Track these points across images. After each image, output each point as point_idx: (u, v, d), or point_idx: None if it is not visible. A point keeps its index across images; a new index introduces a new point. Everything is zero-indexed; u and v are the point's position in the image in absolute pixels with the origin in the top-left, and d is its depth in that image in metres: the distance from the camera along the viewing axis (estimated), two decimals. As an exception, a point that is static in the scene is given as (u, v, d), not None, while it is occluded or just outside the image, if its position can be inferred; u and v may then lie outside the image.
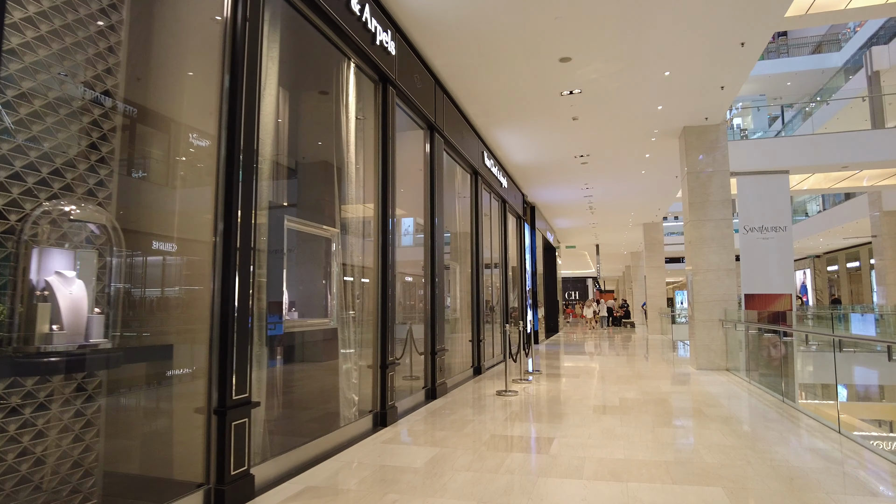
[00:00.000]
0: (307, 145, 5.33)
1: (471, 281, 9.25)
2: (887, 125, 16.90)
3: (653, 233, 20.85)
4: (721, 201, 9.54)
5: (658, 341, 17.07)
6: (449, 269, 9.08)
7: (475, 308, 9.21)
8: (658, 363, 10.62)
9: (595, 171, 12.67)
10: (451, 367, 8.44)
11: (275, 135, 4.25)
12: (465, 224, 9.32)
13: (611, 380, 8.27)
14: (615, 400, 6.55)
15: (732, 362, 9.11)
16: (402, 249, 8.82)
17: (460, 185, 9.15)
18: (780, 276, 9.32)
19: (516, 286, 14.12)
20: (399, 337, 6.86)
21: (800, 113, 23.20)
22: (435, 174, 7.12)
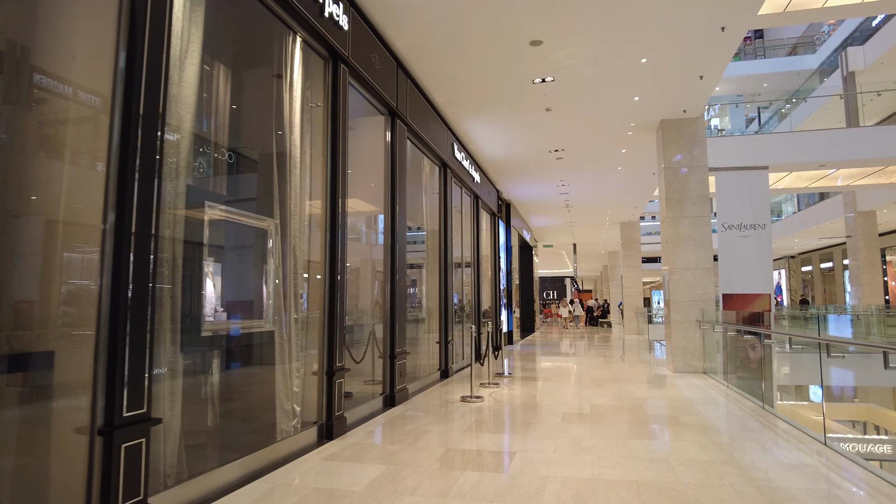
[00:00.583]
0: (244, 127, 4.79)
1: (439, 279, 8.76)
2: (862, 125, 16.87)
3: (630, 232, 20.61)
4: (699, 197, 9.19)
5: (634, 341, 16.79)
6: (418, 267, 8.57)
7: (443, 308, 8.73)
8: (634, 365, 10.25)
9: (570, 167, 12.28)
10: (417, 370, 7.95)
11: (198, 109, 3.70)
12: (434, 220, 8.83)
13: (584, 383, 7.85)
14: (586, 406, 6.11)
15: (710, 364, 8.77)
16: (377, 248, 8.31)
17: (428, 178, 8.65)
18: (759, 275, 9.00)
19: (490, 285, 13.67)
20: (363, 339, 6.34)
21: (776, 114, 23.21)
22: (397, 163, 6.61)
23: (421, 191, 8.44)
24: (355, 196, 6.86)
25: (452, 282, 9.42)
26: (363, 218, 7.77)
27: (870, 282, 18.59)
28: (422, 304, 8.32)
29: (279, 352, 4.38)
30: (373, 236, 7.71)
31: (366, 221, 7.63)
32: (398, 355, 6.40)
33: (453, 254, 9.67)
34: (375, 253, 7.65)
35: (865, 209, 18.64)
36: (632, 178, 13.51)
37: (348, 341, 6.52)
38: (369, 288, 6.91)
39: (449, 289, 8.88)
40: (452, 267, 9.37)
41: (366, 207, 7.76)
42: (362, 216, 7.23)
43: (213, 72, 4.44)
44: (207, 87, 4.35)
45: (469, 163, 10.52)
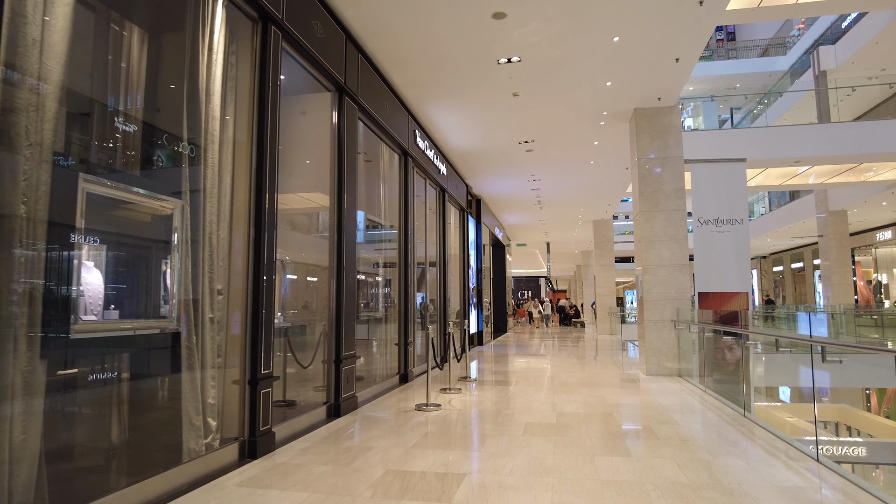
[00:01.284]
0: (150, 92, 4.07)
1: (399, 277, 8.11)
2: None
3: (602, 230, 20.24)
4: (674, 191, 8.72)
5: (607, 342, 16.37)
6: (376, 264, 7.91)
7: (403, 307, 8.08)
8: (606, 366, 9.75)
9: (541, 161, 11.74)
10: (372, 374, 7.29)
11: (78, 63, 3.00)
12: (394, 212, 8.17)
13: (552, 387, 7.29)
14: (552, 415, 5.53)
15: (685, 366, 8.30)
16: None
17: (387, 167, 8.00)
18: (737, 272, 8.56)
19: (458, 284, 13.07)
20: (315, 341, 5.66)
21: (748, 115, 23.16)
22: (345, 146, 5.94)
23: (378, 181, 7.78)
24: (311, 189, 6.18)
25: (414, 280, 8.77)
26: (319, 211, 7.09)
27: (840, 281, 18.53)
28: (379, 303, 7.66)
29: (187, 357, 3.69)
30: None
31: (322, 215, 6.95)
32: (345, 359, 5.73)
33: (416, 249, 9.04)
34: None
35: (837, 208, 18.58)
36: (605, 173, 13.05)
37: (298, 344, 5.84)
38: (326, 286, 6.23)
39: (410, 287, 8.24)
40: (414, 263, 8.73)
41: (324, 200, 7.11)
42: (318, 209, 6.53)
43: (109, 24, 3.73)
44: (101, 41, 3.63)
45: (434, 153, 9.90)
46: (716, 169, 8.89)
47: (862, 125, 12.29)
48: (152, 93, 4.05)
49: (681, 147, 8.81)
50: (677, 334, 8.41)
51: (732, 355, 7.59)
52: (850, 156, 12.14)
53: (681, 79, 7.83)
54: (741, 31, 36.84)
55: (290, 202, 6.15)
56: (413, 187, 8.83)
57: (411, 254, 8.38)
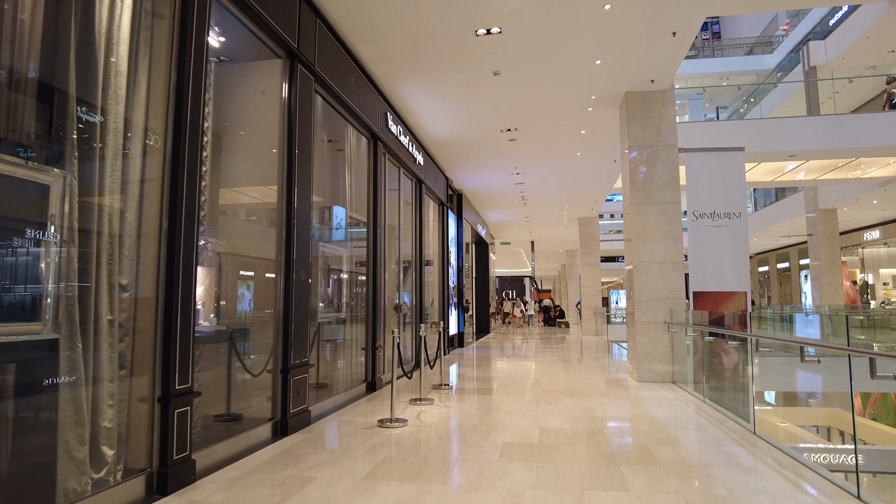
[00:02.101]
0: (26, 38, 3.25)
1: (368, 274, 7.33)
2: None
3: (588, 228, 19.62)
4: (668, 181, 8.05)
5: (593, 343, 15.73)
6: (338, 259, 7.13)
7: (372, 308, 7.30)
8: (592, 371, 9.05)
9: (525, 151, 11.03)
10: (335, 383, 6.51)
11: None
12: (362, 203, 7.39)
13: (534, 397, 6.56)
14: (534, 432, 4.80)
15: (678, 372, 7.63)
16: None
17: (354, 152, 7.21)
18: (735, 270, 7.91)
19: (437, 282, 12.32)
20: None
21: (734, 114, 22.75)
22: (296, 121, 5.15)
23: (343, 167, 7.00)
24: (264, 175, 5.38)
25: (385, 278, 8.00)
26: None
27: (830, 282, 18.10)
28: (343, 303, 6.87)
29: (68, 370, 2.88)
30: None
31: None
32: (295, 368, 4.93)
33: (389, 245, 8.27)
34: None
35: (827, 207, 18.15)
36: (592, 167, 12.38)
37: (257, 348, 5.03)
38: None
39: (379, 286, 7.46)
40: (384, 260, 7.96)
41: (266, 191, 6.33)
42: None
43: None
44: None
45: (409, 140, 9.12)
46: (712, 159, 8.24)
47: (862, 117, 11.77)
48: (37, 41, 3.23)
49: (675, 134, 8.14)
50: (671, 337, 7.74)
51: (730, 361, 6.93)
52: (849, 149, 11.60)
53: (676, 57, 7.15)
54: (726, 30, 36.67)
55: (248, 191, 5.35)
56: (384, 176, 8.05)
57: (382, 249, 7.60)
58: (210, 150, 4.31)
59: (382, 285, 7.79)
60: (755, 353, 7.29)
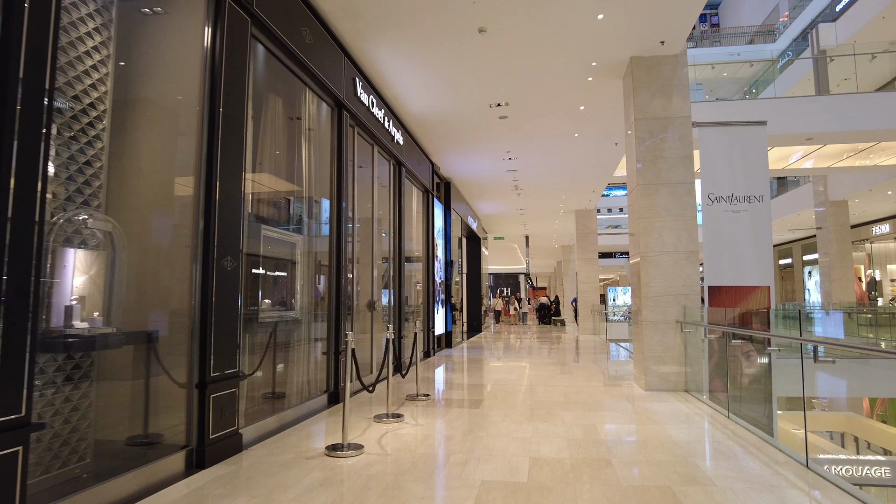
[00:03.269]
0: None
1: (331, 266, 6.25)
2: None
3: (585, 221, 18.58)
4: (680, 159, 7.00)
5: (590, 343, 14.70)
6: (291, 246, 6.04)
7: (335, 306, 6.22)
8: (592, 377, 8.00)
9: (517, 132, 9.96)
10: (288, 395, 5.43)
11: None
12: (323, 183, 6.31)
13: (526, 410, 5.51)
14: (523, 464, 3.74)
15: (694, 380, 6.59)
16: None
17: (313, 120, 6.13)
18: (756, 262, 6.88)
19: (421, 278, 11.24)
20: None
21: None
22: (222, 74, 4.05)
23: (298, 138, 5.91)
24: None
25: (352, 270, 6.93)
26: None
27: (841, 277, 17.13)
28: (299, 300, 5.78)
29: None
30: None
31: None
32: (216, 382, 3.85)
33: (357, 233, 7.19)
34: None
35: (838, 198, 17.17)
36: (591, 151, 11.32)
37: (169, 354, 3.93)
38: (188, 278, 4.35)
39: (343, 279, 6.38)
40: (352, 250, 6.88)
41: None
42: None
43: None
44: None
45: (385, 114, 8.03)
46: (730, 135, 7.19)
47: (887, 96, 10.73)
48: None
49: (688, 104, 7.09)
50: (683, 339, 6.69)
51: (757, 368, 5.90)
52: (871, 131, 10.58)
53: (691, 11, 6.09)
54: (726, 17, 35.78)
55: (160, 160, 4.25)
56: (353, 152, 6.97)
57: (345, 236, 6.51)
58: (110, 106, 3.23)
59: (350, 280, 6.72)
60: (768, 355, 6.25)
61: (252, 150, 5.10)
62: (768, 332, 5.41)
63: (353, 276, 6.89)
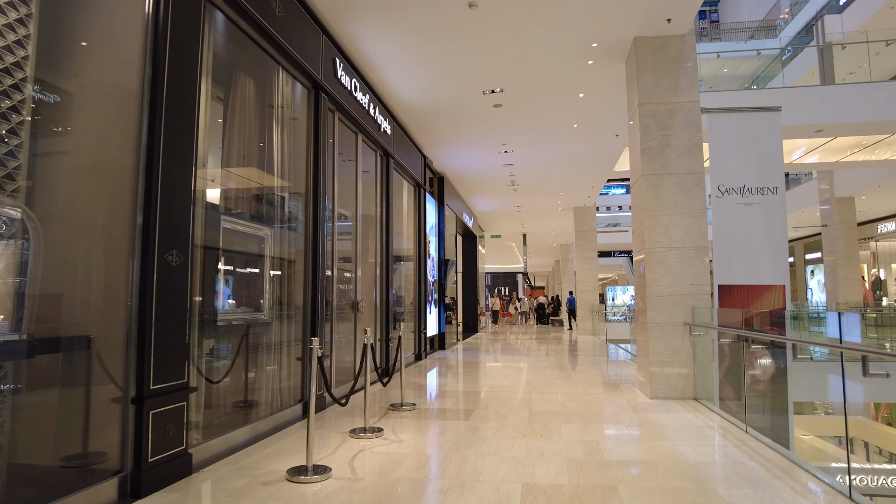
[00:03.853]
0: None
1: (306, 262, 5.71)
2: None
3: (584, 218, 18.04)
4: (688, 148, 6.46)
5: (589, 344, 14.18)
6: (259, 240, 5.49)
7: (311, 306, 5.67)
8: (592, 382, 7.47)
9: (513, 121, 9.42)
10: (256, 405, 4.89)
11: None
12: (299, 171, 5.76)
13: (520, 423, 4.97)
14: (514, 492, 3.19)
15: (703, 388, 6.05)
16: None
17: (287, 103, 5.57)
18: (770, 258, 6.35)
19: (412, 276, 10.70)
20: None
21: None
22: (165, 47, 3.50)
23: (270, 123, 5.36)
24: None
25: (332, 268, 6.39)
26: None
27: (847, 276, 16.61)
28: (267, 299, 5.23)
29: None
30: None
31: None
32: (158, 396, 3.30)
33: (337, 226, 6.66)
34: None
35: (844, 195, 16.66)
36: (590, 143, 10.78)
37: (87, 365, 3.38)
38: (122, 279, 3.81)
39: (321, 277, 5.83)
40: (331, 246, 6.35)
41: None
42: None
43: None
44: None
45: (370, 100, 7.48)
46: (741, 122, 6.67)
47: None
48: None
49: (696, 89, 6.55)
50: (692, 342, 6.16)
51: (775, 375, 5.39)
52: (888, 122, 10.05)
53: (704, -16, 5.56)
54: (725, 13, 35.30)
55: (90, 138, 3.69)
56: (333, 139, 6.42)
57: (321, 228, 5.96)
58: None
59: (328, 278, 6.17)
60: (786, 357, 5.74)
61: (215, 136, 4.55)
62: (802, 338, 4.88)
63: (333, 274, 6.35)
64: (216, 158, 4.80)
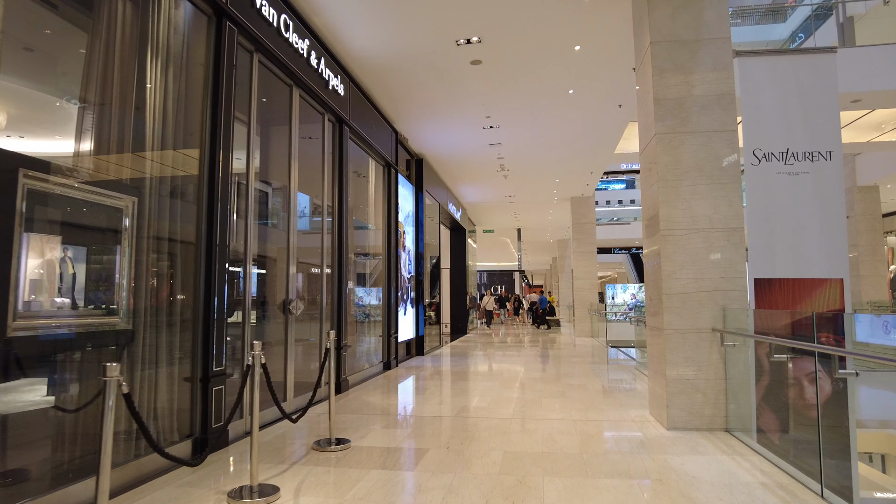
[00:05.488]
0: None
1: (197, 251, 4.18)
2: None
3: (582, 209, 16.52)
4: (716, 98, 4.94)
5: (588, 347, 12.68)
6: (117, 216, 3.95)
7: (203, 309, 4.14)
8: (591, 406, 5.96)
9: (496, 83, 7.89)
10: (119, 445, 3.32)
11: None
12: (193, 120, 4.24)
13: (483, 480, 3.46)
14: None
15: (738, 415, 4.54)
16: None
17: (171, 27, 4.04)
18: (823, 245, 4.84)
19: (381, 271, 9.17)
20: None
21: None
22: None
23: (142, 50, 3.83)
24: None
25: (245, 257, 4.87)
26: None
27: (871, 273, 15.11)
28: (125, 297, 3.69)
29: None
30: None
31: None
32: None
33: (254, 204, 5.14)
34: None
35: (867, 183, 15.16)
36: (589, 115, 9.26)
37: None
38: None
39: (222, 269, 4.31)
40: (245, 227, 4.82)
41: None
42: None
43: None
44: None
45: (309, 46, 5.94)
46: (784, 68, 5.16)
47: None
48: None
49: (726, 22, 5.03)
50: (723, 355, 4.64)
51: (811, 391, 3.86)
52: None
53: None
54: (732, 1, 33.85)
55: None
56: (248, 85, 4.90)
57: (229, 206, 4.43)
58: None
59: (224, 269, 4.65)
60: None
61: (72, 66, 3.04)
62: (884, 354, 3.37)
63: (246, 266, 4.82)
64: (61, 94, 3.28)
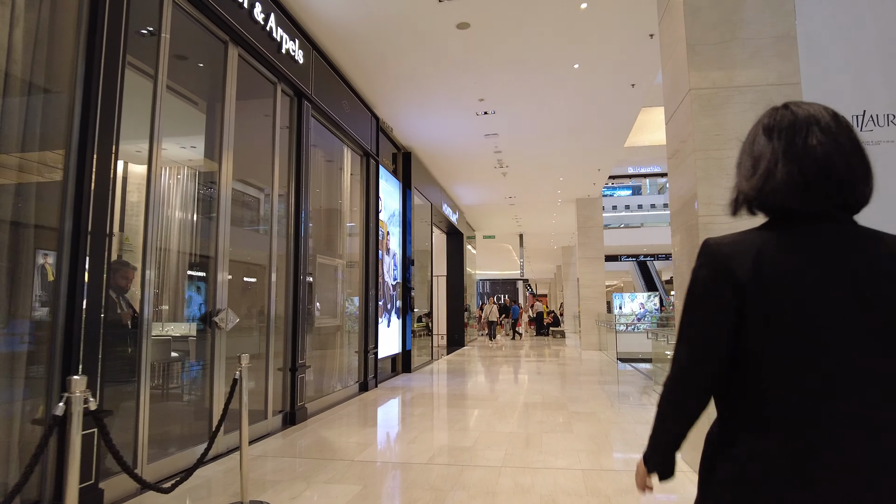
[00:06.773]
0: None
1: (61, 237, 2.99)
2: None
3: (588, 211, 15.30)
4: (771, 41, 3.74)
5: (596, 362, 11.43)
6: None
7: (66, 318, 2.95)
8: (607, 442, 4.71)
9: (488, 54, 6.72)
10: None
11: None
12: (63, 73, 3.07)
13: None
14: None
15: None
16: None
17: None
18: (919, 235, 3.60)
19: (357, 278, 7.98)
20: None
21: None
22: None
23: None
24: None
25: (147, 257, 3.68)
26: None
27: None
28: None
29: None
30: None
31: None
32: None
33: (166, 189, 3.97)
34: None
35: None
36: (597, 98, 8.07)
37: None
38: None
39: (97, 269, 3.12)
40: (148, 217, 3.64)
41: None
42: None
43: None
44: None
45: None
46: (856, 6, 3.96)
47: None
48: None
49: (783, -56, 3.84)
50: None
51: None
52: None
53: None
54: None
55: None
56: (154, 29, 3.74)
57: (109, 184, 3.24)
58: None
59: (139, 276, 3.45)
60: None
61: None
62: None
63: (149, 268, 3.62)
64: None
